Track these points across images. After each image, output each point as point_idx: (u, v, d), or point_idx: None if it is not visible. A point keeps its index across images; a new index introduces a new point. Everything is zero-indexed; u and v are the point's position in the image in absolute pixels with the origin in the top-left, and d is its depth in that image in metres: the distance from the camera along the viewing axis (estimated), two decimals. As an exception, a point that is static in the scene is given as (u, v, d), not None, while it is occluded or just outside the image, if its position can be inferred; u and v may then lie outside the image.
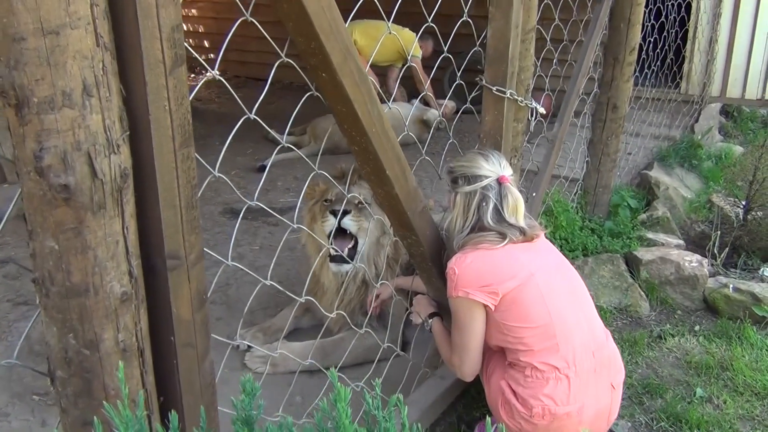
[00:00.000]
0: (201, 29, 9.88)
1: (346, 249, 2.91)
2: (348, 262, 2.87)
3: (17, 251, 4.02)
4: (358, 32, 6.35)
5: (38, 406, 2.68)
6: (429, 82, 5.84)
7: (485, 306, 2.20)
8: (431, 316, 2.59)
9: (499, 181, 2.29)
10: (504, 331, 2.22)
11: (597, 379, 2.24)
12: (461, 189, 2.31)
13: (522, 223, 2.31)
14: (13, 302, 3.49)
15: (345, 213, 2.82)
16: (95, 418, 1.02)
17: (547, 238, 2.53)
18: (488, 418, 2.69)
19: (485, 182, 2.28)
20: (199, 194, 1.40)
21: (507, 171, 2.33)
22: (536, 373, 2.18)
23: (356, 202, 2.88)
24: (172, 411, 1.10)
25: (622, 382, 2.38)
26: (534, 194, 3.51)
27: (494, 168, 2.30)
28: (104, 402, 1.04)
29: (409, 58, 3.13)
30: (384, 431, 0.94)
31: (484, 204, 2.27)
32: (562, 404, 2.17)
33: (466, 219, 2.30)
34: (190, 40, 9.94)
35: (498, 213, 2.28)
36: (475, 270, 2.21)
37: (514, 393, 2.23)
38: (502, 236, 2.24)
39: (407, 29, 6.13)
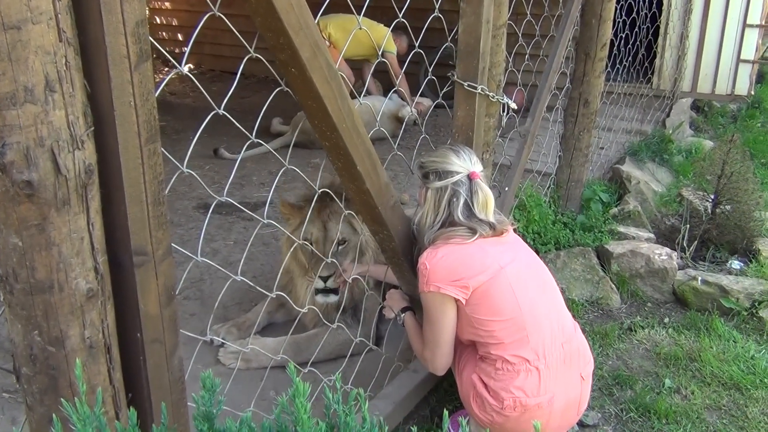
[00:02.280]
0: (174, 22, 9.77)
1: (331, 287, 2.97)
2: (334, 294, 2.96)
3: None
4: (333, 26, 6.31)
5: (8, 403, 2.65)
6: (404, 76, 5.84)
7: (456, 300, 2.22)
8: (404, 310, 2.61)
9: (470, 177, 2.31)
10: (475, 324, 2.24)
11: (567, 370, 2.28)
12: (432, 184, 2.32)
13: (492, 218, 2.33)
14: (-18, 299, 3.44)
15: (329, 277, 2.87)
16: (54, 415, 1.02)
17: (517, 233, 2.56)
18: (461, 419, 2.73)
19: (456, 178, 2.30)
20: (166, 190, 1.40)
21: (478, 167, 2.35)
22: (507, 365, 2.21)
23: (336, 248, 2.89)
24: (131, 408, 1.10)
25: (591, 373, 2.42)
26: (507, 188, 3.53)
27: (465, 164, 2.32)
28: (62, 399, 1.04)
29: (380, 53, 3.13)
30: (345, 425, 0.95)
31: (454, 199, 2.29)
32: (533, 396, 2.20)
33: (437, 214, 2.32)
34: (163, 33, 9.83)
35: (468, 208, 2.29)
36: (446, 265, 2.23)
37: (486, 386, 2.26)
38: (473, 231, 2.27)
39: (382, 25, 6.12)
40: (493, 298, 2.22)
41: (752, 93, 6.87)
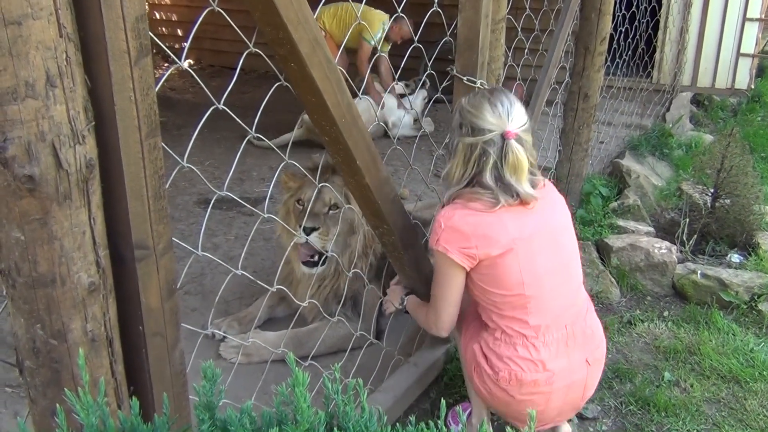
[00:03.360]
0: (174, 17, 9.77)
1: (316, 256, 2.99)
2: (317, 265, 3.00)
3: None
4: (327, 15, 6.21)
5: (10, 397, 2.67)
6: (370, 75, 5.70)
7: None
8: (407, 294, 2.60)
9: (504, 137, 2.10)
10: (478, 289, 2.20)
11: (568, 352, 2.22)
12: (463, 139, 2.15)
13: (522, 184, 2.13)
14: (-16, 295, 3.46)
15: (314, 230, 2.87)
16: (58, 405, 1.03)
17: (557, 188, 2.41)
18: (457, 407, 2.73)
19: (487, 137, 2.09)
20: (167, 184, 1.41)
21: (515, 123, 2.11)
22: (505, 336, 2.19)
23: (326, 210, 2.91)
24: (133, 398, 1.11)
25: (600, 358, 2.34)
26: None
27: (499, 121, 2.10)
28: (66, 390, 1.05)
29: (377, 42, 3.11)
30: (344, 415, 0.96)
31: (483, 159, 2.11)
32: (528, 371, 2.17)
33: (465, 170, 2.16)
34: (163, 29, 9.83)
35: (497, 171, 2.12)
36: (458, 229, 2.13)
37: (485, 356, 2.23)
38: (496, 199, 2.12)
39: (377, 11, 6.05)
40: (498, 273, 2.15)
41: (752, 87, 6.86)
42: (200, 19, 1.55)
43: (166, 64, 8.73)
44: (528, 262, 2.15)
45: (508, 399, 2.22)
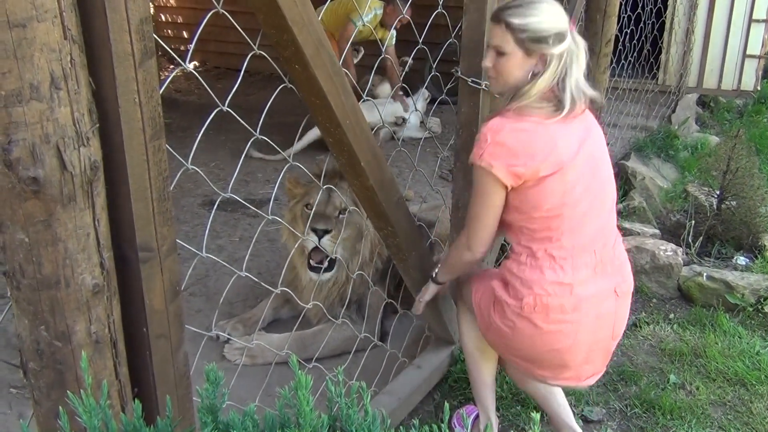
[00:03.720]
0: (179, 20, 9.79)
1: (326, 262, 2.97)
2: (327, 272, 2.97)
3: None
4: (325, 13, 6.12)
5: (15, 399, 2.67)
6: (352, 64, 5.55)
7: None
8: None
9: (571, 34, 1.99)
10: (512, 210, 2.08)
11: (596, 279, 2.09)
12: (554, 49, 1.97)
13: (582, 85, 2.03)
14: (-10, 296, 3.47)
15: (326, 232, 2.86)
16: (60, 407, 1.03)
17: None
18: (461, 410, 2.73)
19: (568, 38, 1.98)
20: (171, 186, 1.41)
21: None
22: (531, 260, 2.06)
23: (336, 213, 2.91)
24: (136, 400, 1.11)
25: (627, 292, 2.21)
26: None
27: (564, 18, 2.00)
28: (68, 392, 1.05)
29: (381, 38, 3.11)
30: (346, 418, 0.96)
31: (567, 63, 1.99)
32: (555, 294, 2.04)
33: (551, 81, 2.00)
34: (168, 31, 9.85)
35: (566, 74, 2.00)
36: (507, 144, 1.97)
37: (506, 287, 2.11)
38: (556, 108, 2.00)
39: None
40: (540, 194, 2.00)
41: (758, 88, 6.83)
42: (204, 21, 1.55)
43: (171, 66, 8.75)
44: (571, 184, 2.02)
45: (533, 332, 2.08)
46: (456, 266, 2.33)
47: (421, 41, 2.43)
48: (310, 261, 2.97)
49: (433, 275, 2.43)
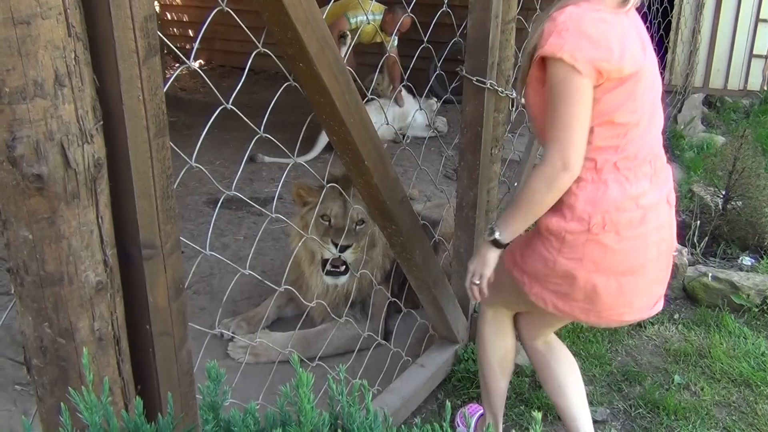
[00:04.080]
0: (185, 18, 9.81)
1: (342, 266, 3.00)
2: (343, 275, 2.99)
3: (1, 241, 4.01)
4: (327, 14, 6.16)
5: (20, 396, 2.68)
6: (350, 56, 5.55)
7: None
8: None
9: None
10: None
11: (653, 189, 1.94)
12: None
13: None
14: (-4, 293, 3.48)
15: (347, 248, 2.89)
16: (62, 404, 1.03)
17: None
18: (464, 409, 2.72)
19: None
20: (175, 184, 1.41)
21: None
22: (593, 174, 1.87)
23: (354, 226, 2.93)
24: (137, 397, 1.12)
25: (673, 203, 2.05)
26: (516, 184, 3.53)
27: None
28: (70, 389, 1.05)
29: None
30: (348, 416, 0.96)
31: None
32: (623, 210, 1.87)
33: None
34: (174, 29, 9.87)
35: None
36: (589, 34, 1.74)
37: (562, 215, 1.89)
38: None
39: (375, 1, 5.98)
40: (619, 96, 1.81)
41: (765, 88, 6.82)
42: (209, 19, 1.55)
43: (176, 65, 8.77)
44: (644, 86, 1.86)
45: (603, 255, 1.89)
46: (540, 202, 1.88)
47: (426, 40, 2.42)
48: (329, 268, 3.00)
49: (493, 237, 1.98)
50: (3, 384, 2.72)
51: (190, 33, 9.79)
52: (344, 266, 2.98)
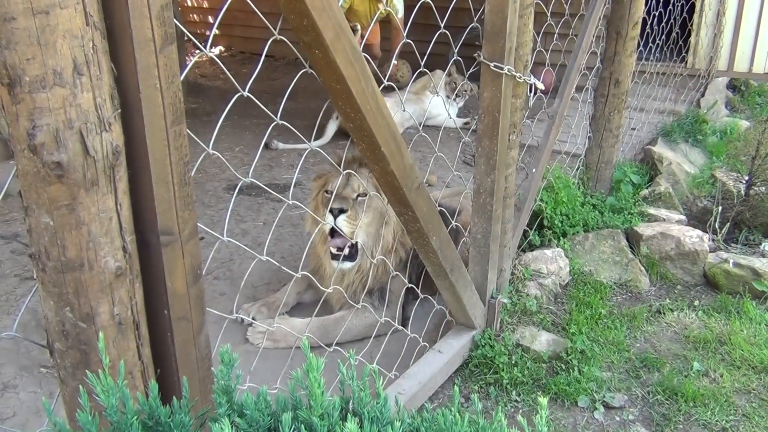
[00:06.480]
0: (205, 4, 9.83)
1: (347, 248, 2.96)
2: (348, 261, 2.95)
3: (24, 227, 4.08)
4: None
5: (45, 378, 2.73)
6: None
7: None
8: None
9: None
10: None
11: None
12: None
13: None
14: (21, 277, 3.55)
15: (342, 212, 2.84)
16: (80, 387, 1.06)
17: None
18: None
19: None
20: (193, 171, 1.43)
21: None
22: None
23: (355, 196, 2.92)
24: (152, 381, 1.14)
25: None
26: (534, 170, 3.51)
27: None
28: (88, 372, 1.08)
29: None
30: (358, 400, 0.97)
31: None
32: None
33: None
34: (194, 16, 9.90)
35: None
36: None
37: None
38: None
39: None
40: None
41: (791, 72, 6.69)
42: (226, 5, 1.56)
43: (197, 51, 8.80)
44: None
45: None
46: None
47: (443, 25, 2.41)
48: (331, 249, 2.97)
49: None
50: (29, 367, 2.78)
51: (210, 19, 9.81)
52: (348, 249, 2.97)
